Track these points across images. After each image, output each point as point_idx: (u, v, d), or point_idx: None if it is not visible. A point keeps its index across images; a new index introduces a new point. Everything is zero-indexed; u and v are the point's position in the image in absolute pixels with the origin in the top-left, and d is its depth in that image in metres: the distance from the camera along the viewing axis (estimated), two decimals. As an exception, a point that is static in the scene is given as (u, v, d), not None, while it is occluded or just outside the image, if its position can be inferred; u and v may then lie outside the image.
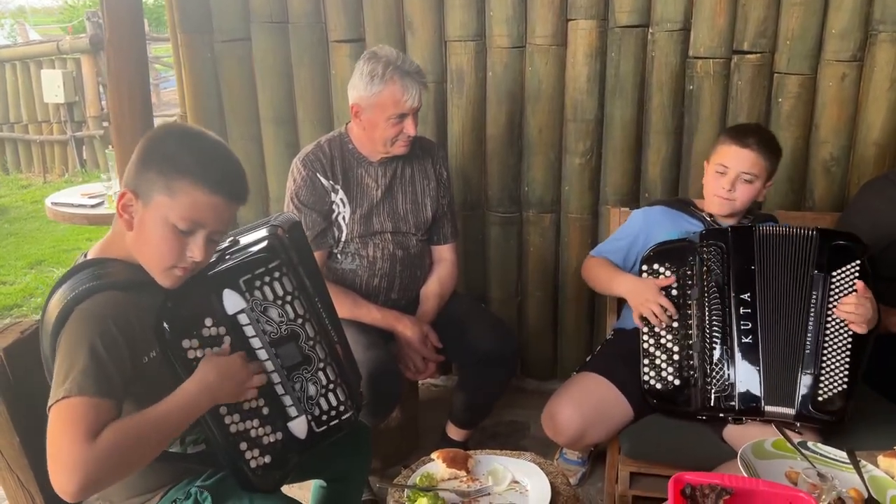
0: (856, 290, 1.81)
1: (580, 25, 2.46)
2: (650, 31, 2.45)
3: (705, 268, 1.93)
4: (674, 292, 1.97)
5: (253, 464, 1.32)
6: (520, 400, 2.80)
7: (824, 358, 1.82)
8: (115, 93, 2.53)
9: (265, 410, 1.35)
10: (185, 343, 1.25)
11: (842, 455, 1.42)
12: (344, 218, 2.15)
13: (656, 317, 1.94)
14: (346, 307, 2.06)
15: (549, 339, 2.84)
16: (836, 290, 1.84)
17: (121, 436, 1.11)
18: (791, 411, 1.80)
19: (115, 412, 1.14)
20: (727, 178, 2.00)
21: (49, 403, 1.12)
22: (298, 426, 1.38)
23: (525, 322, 2.83)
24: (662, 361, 1.95)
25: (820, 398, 1.79)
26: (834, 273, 1.86)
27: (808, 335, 1.84)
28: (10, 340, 1.37)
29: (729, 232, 1.96)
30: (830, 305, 1.84)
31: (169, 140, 1.27)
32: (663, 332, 1.97)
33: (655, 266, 2.00)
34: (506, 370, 2.18)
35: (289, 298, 1.35)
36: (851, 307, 1.79)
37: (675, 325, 1.96)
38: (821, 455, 1.43)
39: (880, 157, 2.42)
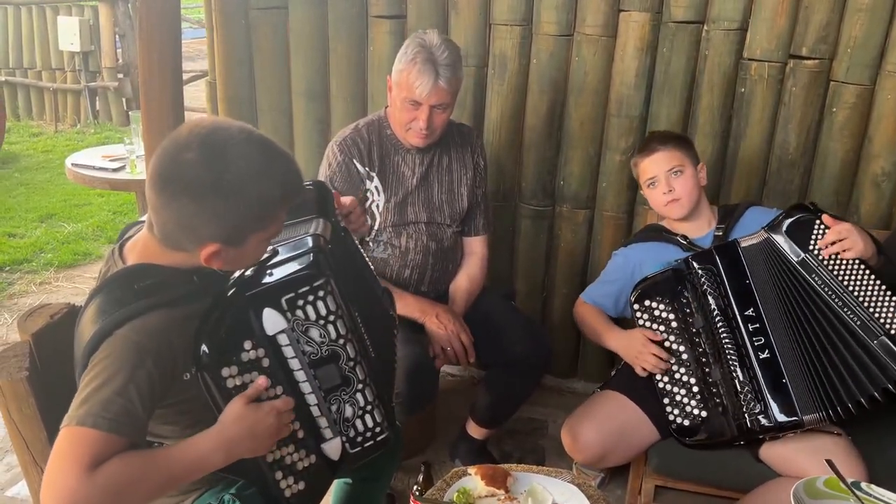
0: (829, 228, 1.81)
1: (633, 17, 2.36)
2: (705, 28, 2.35)
3: (701, 293, 1.88)
4: (673, 324, 1.92)
5: (287, 493, 1.26)
6: (539, 397, 2.74)
7: (877, 313, 1.75)
8: (145, 54, 2.43)
9: (300, 434, 1.29)
10: (225, 371, 1.18)
11: (896, 499, 1.37)
12: (378, 206, 2.07)
13: (656, 366, 1.91)
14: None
15: (573, 337, 2.78)
16: (823, 254, 1.81)
17: (123, 470, 1.03)
18: (819, 416, 1.73)
19: (125, 446, 1.06)
20: (661, 184, 2.02)
21: (62, 424, 1.05)
22: (332, 448, 1.32)
23: (549, 318, 2.77)
24: (683, 397, 1.90)
25: None
26: (809, 245, 1.83)
27: (846, 311, 1.77)
28: (40, 325, 1.32)
29: (714, 252, 1.91)
30: (833, 270, 1.80)
31: (257, 181, 1.15)
32: (675, 367, 1.92)
33: (647, 302, 1.95)
34: (537, 373, 2.13)
35: (331, 318, 1.27)
36: (833, 239, 1.78)
37: (685, 356, 1.91)
38: (874, 497, 1.38)
39: (933, 175, 2.34)
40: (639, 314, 1.96)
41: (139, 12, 2.39)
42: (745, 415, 1.80)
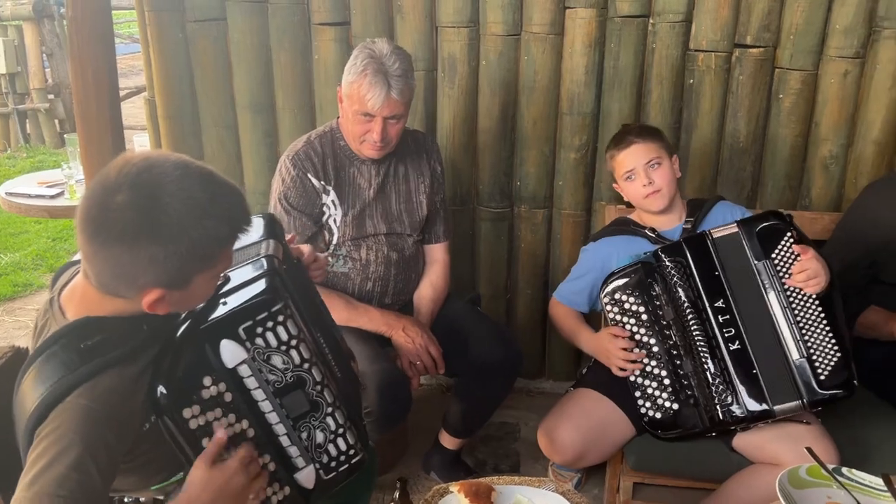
0: (799, 257, 1.79)
1: (579, 14, 2.35)
2: (651, 21, 2.35)
3: (671, 286, 1.88)
4: (644, 317, 1.91)
5: None
6: (508, 400, 2.66)
7: (806, 337, 1.78)
8: (78, 73, 2.31)
9: (271, 467, 1.22)
10: (187, 413, 1.10)
11: (878, 482, 1.38)
12: (335, 220, 2.01)
13: (629, 367, 1.90)
14: (340, 312, 1.94)
15: (539, 337, 2.77)
16: (783, 269, 1.82)
17: None
18: (797, 403, 1.75)
19: None
20: (640, 177, 2.01)
21: (13, 499, 0.96)
22: (306, 477, 1.25)
23: (514, 319, 2.75)
24: (654, 389, 1.89)
25: (822, 376, 1.75)
26: (773, 255, 1.83)
27: (780, 324, 1.79)
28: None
29: (684, 245, 1.90)
30: (784, 285, 1.81)
31: (199, 220, 1.06)
32: (646, 360, 1.91)
33: (617, 296, 1.94)
34: (509, 378, 2.09)
35: (293, 343, 1.20)
36: (802, 273, 1.76)
37: (656, 349, 1.90)
38: (856, 482, 1.39)
39: (879, 155, 2.38)
40: (609, 307, 1.95)
41: (69, 30, 2.27)
42: (717, 406, 1.80)
